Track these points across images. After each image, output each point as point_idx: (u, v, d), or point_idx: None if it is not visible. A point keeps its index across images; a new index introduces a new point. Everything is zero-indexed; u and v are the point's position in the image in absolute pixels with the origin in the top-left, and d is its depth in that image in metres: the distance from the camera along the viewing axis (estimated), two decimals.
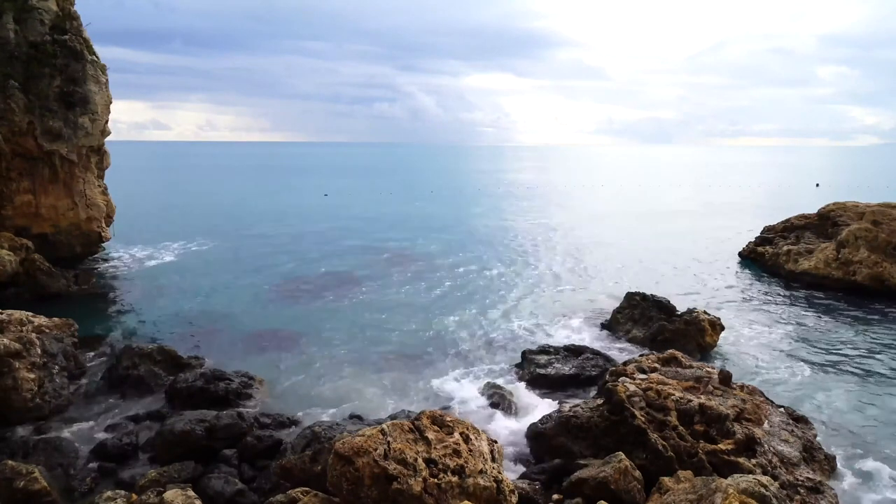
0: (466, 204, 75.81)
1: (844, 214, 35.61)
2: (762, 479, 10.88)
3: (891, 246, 31.60)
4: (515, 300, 30.41)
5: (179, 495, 11.79)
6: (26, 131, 31.32)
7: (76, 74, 32.71)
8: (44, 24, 32.14)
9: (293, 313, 27.86)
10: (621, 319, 25.18)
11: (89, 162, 34.90)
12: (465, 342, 24.21)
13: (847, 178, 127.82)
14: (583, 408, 15.56)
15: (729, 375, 16.49)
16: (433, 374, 21.02)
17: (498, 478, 11.52)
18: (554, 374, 19.77)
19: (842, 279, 31.76)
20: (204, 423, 15.49)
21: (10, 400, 16.50)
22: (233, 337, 24.43)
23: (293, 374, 20.76)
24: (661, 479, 12.36)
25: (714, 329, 23.32)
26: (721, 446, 13.53)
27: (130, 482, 13.79)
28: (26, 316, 19.37)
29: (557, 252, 42.94)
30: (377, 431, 11.58)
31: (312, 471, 12.91)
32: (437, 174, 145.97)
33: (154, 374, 19.50)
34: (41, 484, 12.69)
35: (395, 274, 35.75)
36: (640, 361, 17.75)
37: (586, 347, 21.81)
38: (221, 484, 13.36)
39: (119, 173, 74.95)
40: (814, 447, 14.74)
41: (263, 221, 57.41)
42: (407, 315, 27.58)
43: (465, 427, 12.39)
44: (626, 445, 13.95)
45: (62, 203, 33.64)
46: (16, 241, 29.92)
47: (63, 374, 18.69)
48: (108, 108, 35.33)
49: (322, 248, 43.88)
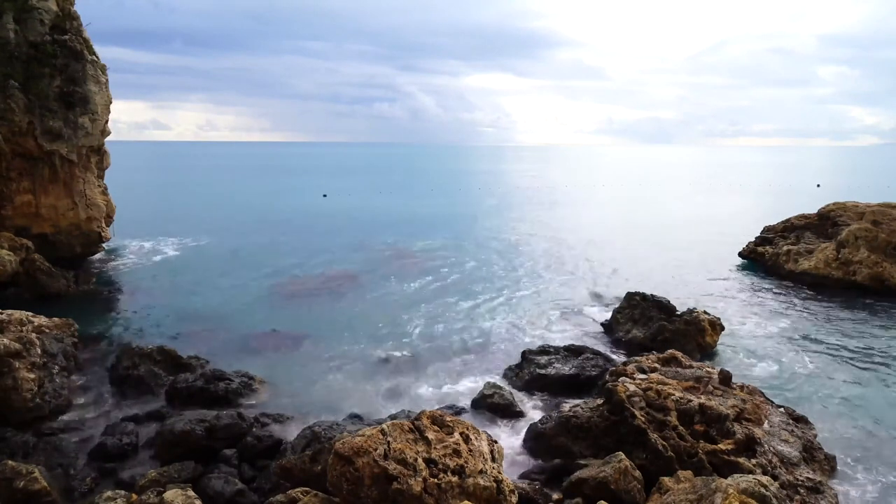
0: (466, 204, 75.83)
1: (844, 214, 35.62)
2: (762, 479, 10.88)
3: (891, 246, 31.61)
4: (515, 300, 30.42)
5: (179, 495, 11.79)
6: (26, 131, 31.32)
7: (76, 74, 32.72)
8: (44, 24, 32.14)
9: (293, 313, 27.85)
10: (621, 319, 25.17)
11: (89, 162, 34.90)
12: (466, 342, 24.21)
13: (847, 179, 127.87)
14: (583, 408, 15.56)
15: (729, 375, 16.49)
16: (433, 374, 21.03)
17: (498, 478, 11.52)
18: (554, 374, 19.77)
19: (842, 279, 31.76)
20: (204, 423, 15.48)
21: (10, 400, 16.49)
22: (233, 337, 24.43)
23: (293, 374, 20.76)
24: (661, 479, 12.36)
25: (714, 329, 23.32)
26: (721, 446, 13.54)
27: (130, 482, 13.79)
28: (26, 316, 19.37)
29: (557, 252, 42.93)
30: (377, 431, 11.58)
31: (312, 471, 12.90)
32: (437, 174, 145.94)
33: (154, 374, 19.50)
34: (41, 484, 12.68)
35: (395, 274, 35.76)
36: (640, 361, 17.76)
37: (586, 347, 21.82)
38: (221, 484, 13.35)
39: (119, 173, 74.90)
40: (814, 447, 14.75)
41: (263, 222, 57.41)
42: (407, 315, 27.58)
43: (465, 427, 12.39)
44: (626, 445, 13.95)
45: (62, 203, 33.64)
46: (16, 241, 29.93)
47: (63, 374, 18.69)
48: (108, 108, 35.34)
49: (322, 248, 43.88)
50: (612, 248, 44.67)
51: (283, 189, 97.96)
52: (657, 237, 49.56)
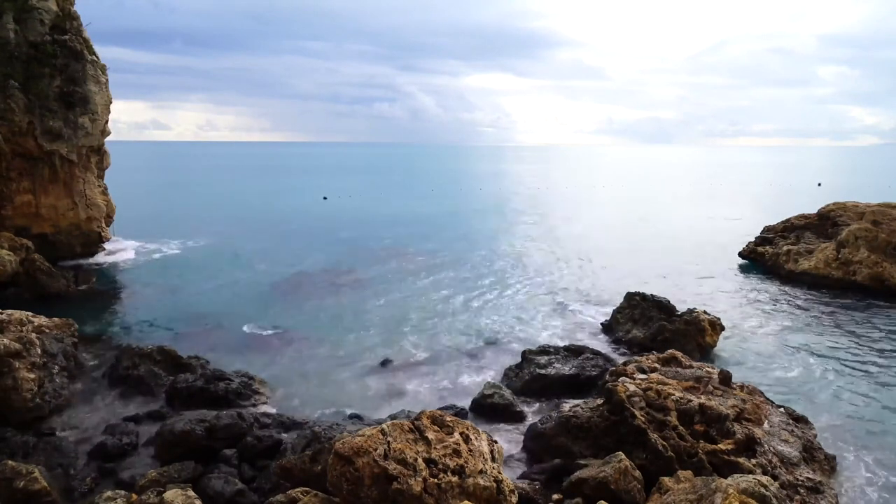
0: (466, 204, 75.84)
1: (844, 214, 35.62)
2: (762, 479, 10.88)
3: (891, 246, 31.60)
4: (516, 300, 30.42)
5: (179, 495, 11.78)
6: (26, 131, 31.34)
7: (76, 74, 32.74)
8: (44, 24, 32.16)
9: (293, 313, 27.85)
10: (621, 319, 25.17)
11: (89, 162, 34.91)
12: (466, 342, 24.22)
13: (847, 179, 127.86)
14: (583, 408, 15.55)
15: (729, 375, 16.49)
16: (433, 374, 21.04)
17: (498, 478, 11.51)
18: (554, 374, 19.76)
19: (842, 279, 31.76)
20: (204, 423, 15.47)
21: (10, 400, 16.49)
22: (233, 337, 24.44)
23: (293, 374, 20.76)
24: (661, 479, 12.35)
25: (714, 329, 23.31)
26: (721, 446, 13.53)
27: (130, 482, 13.78)
28: (26, 316, 19.38)
29: (557, 252, 42.95)
30: (377, 431, 11.57)
31: (312, 471, 12.89)
32: (437, 174, 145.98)
33: (154, 374, 19.49)
34: (41, 484, 12.68)
35: (395, 274, 35.77)
36: (640, 361, 17.75)
37: (586, 347, 21.81)
38: (221, 484, 13.35)
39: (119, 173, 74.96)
40: (814, 447, 14.74)
41: (263, 222, 57.43)
42: (406, 315, 27.59)
43: (465, 427, 12.38)
44: (626, 445, 13.95)
45: (62, 203, 33.65)
46: (16, 241, 29.94)
47: (63, 374, 18.70)
48: (108, 108, 35.35)
49: (321, 248, 43.90)
50: (612, 248, 44.67)
51: (283, 189, 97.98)
52: (657, 237, 49.57)
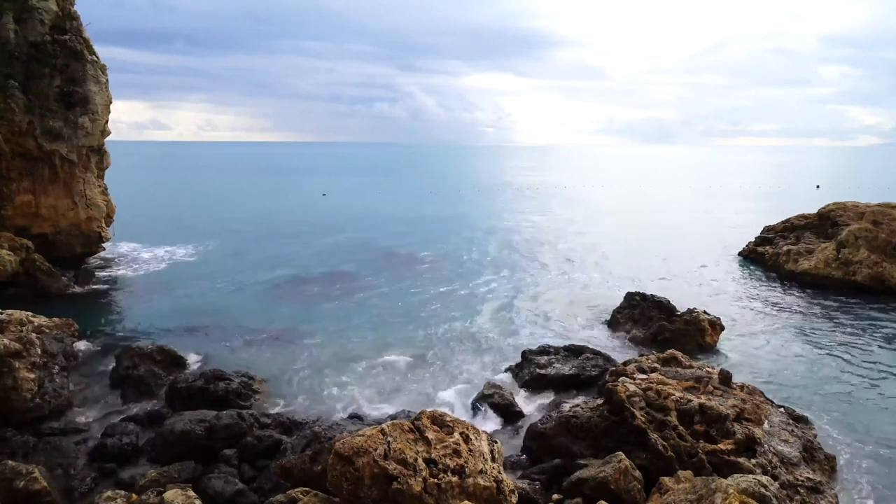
0: (466, 204, 75.82)
1: (844, 214, 35.63)
2: (762, 479, 10.88)
3: (891, 246, 31.59)
4: (515, 300, 30.40)
5: (179, 495, 11.78)
6: (26, 131, 31.30)
7: (76, 74, 32.70)
8: (44, 24, 32.11)
9: (293, 313, 27.84)
10: (621, 319, 25.17)
11: (89, 162, 34.88)
12: (466, 342, 24.21)
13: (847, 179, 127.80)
14: (583, 408, 15.55)
15: (729, 375, 16.49)
16: (433, 374, 21.04)
17: (498, 478, 11.51)
18: (554, 374, 19.77)
19: (842, 279, 31.75)
20: (204, 423, 15.49)
21: (10, 400, 16.50)
22: (233, 337, 24.43)
23: (293, 374, 20.76)
24: (661, 479, 12.35)
25: (714, 329, 23.32)
26: (721, 446, 13.53)
27: (130, 482, 13.79)
28: (26, 316, 19.37)
29: (557, 252, 42.95)
30: (377, 431, 11.57)
31: (312, 471, 12.90)
32: (438, 174, 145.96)
33: (154, 374, 19.50)
34: (41, 484, 12.69)
35: (395, 274, 35.76)
36: (640, 361, 17.75)
37: (586, 347, 21.80)
38: (221, 484, 13.36)
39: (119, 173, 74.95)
40: (814, 447, 14.74)
41: (263, 222, 57.42)
42: (407, 314, 27.59)
43: (465, 427, 12.38)
44: (626, 445, 13.95)
45: (62, 203, 33.62)
46: (16, 241, 29.92)
47: (63, 374, 18.69)
48: (108, 108, 35.31)
49: (321, 248, 43.89)
50: (612, 247, 44.64)
51: (282, 189, 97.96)
52: (657, 237, 49.54)
